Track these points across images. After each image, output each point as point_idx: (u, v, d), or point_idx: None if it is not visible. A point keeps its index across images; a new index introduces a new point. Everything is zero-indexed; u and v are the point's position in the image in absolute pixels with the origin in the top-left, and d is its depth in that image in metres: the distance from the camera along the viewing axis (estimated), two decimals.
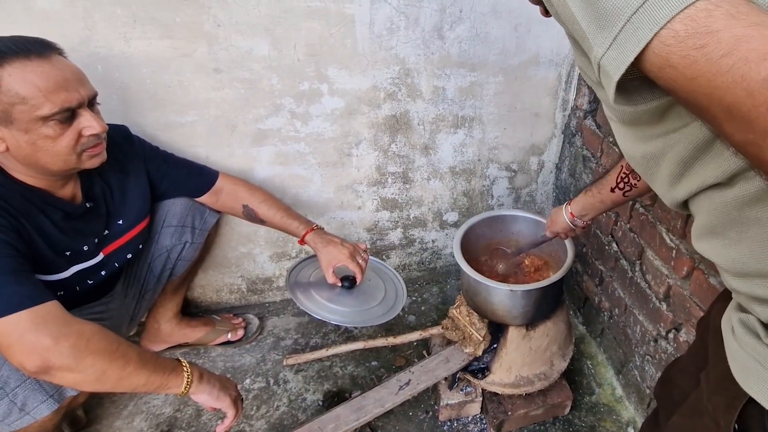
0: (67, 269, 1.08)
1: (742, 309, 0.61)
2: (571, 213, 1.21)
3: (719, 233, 0.56)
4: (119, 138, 1.20)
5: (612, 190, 1.07)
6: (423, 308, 1.88)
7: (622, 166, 1.04)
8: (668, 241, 1.26)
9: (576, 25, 0.45)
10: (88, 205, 1.11)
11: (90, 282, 1.15)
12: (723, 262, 0.57)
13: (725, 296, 0.75)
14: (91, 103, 1.01)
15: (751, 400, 0.56)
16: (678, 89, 0.39)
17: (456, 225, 1.88)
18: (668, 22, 0.36)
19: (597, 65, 0.43)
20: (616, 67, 0.41)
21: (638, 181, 1.03)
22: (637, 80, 0.42)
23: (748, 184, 0.49)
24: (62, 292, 1.08)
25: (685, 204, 0.61)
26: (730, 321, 0.63)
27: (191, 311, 1.78)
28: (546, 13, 0.73)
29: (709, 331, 0.75)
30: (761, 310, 0.55)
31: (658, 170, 0.58)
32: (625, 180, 1.03)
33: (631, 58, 0.39)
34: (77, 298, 1.14)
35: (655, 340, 1.38)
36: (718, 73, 0.35)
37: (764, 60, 0.33)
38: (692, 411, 0.74)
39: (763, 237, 0.50)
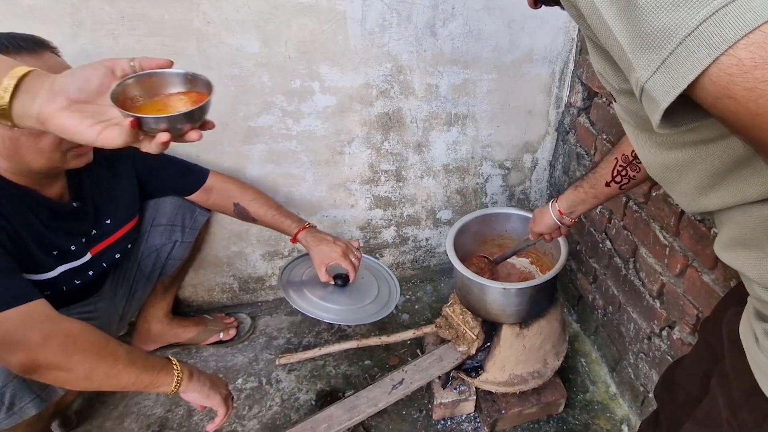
0: (54, 269, 1.07)
1: (763, 318, 0.58)
2: (559, 210, 1.16)
3: (754, 246, 0.53)
4: None
5: (607, 185, 1.02)
6: (417, 307, 1.88)
7: (617, 159, 0.99)
8: (662, 238, 1.26)
9: (612, 40, 0.40)
10: (75, 204, 1.10)
11: (77, 282, 1.14)
12: (756, 275, 0.55)
13: (735, 300, 0.72)
14: None
15: None
16: (736, 122, 0.36)
17: (450, 223, 1.87)
18: (730, 47, 0.33)
19: (640, 88, 0.39)
20: (664, 92, 0.37)
21: (637, 173, 0.98)
22: (681, 100, 0.38)
23: None
24: (49, 292, 1.06)
25: (710, 211, 0.58)
26: (752, 330, 0.60)
27: (183, 311, 1.77)
28: (535, 4, 0.69)
29: (722, 339, 0.72)
30: None
31: (681, 180, 0.55)
32: (623, 173, 0.98)
33: (684, 85, 0.35)
34: (64, 298, 1.13)
35: (649, 338, 1.37)
36: None
37: None
38: (707, 420, 0.72)
39: None
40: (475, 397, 1.45)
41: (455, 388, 1.45)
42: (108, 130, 0.58)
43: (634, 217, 1.37)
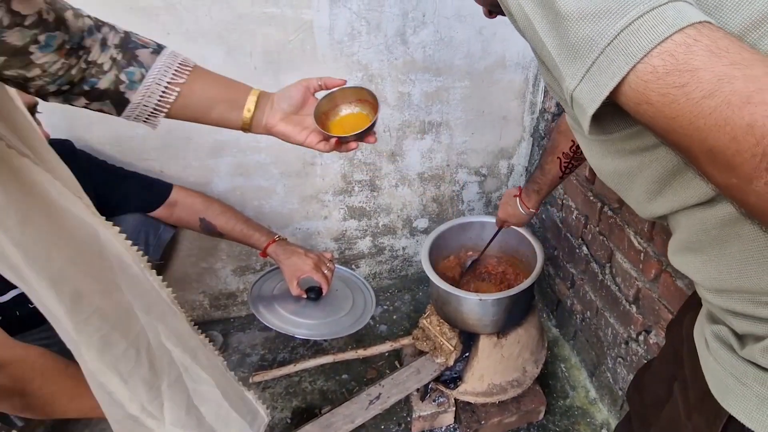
0: (5, 293, 1.02)
1: (713, 320, 0.59)
2: (531, 210, 1.27)
3: (698, 250, 0.54)
4: (62, 153, 1.14)
5: (561, 178, 1.14)
6: (395, 317, 1.85)
7: (559, 158, 1.09)
8: (636, 244, 1.26)
9: (545, 51, 0.43)
10: None
11: (31, 306, 1.09)
12: (701, 278, 0.56)
13: (696, 303, 0.73)
14: (31, 111, 0.95)
15: (732, 418, 0.54)
16: (656, 126, 0.37)
17: (426, 231, 1.86)
18: (645, 56, 0.35)
19: (569, 96, 0.42)
20: (590, 100, 0.39)
21: (579, 162, 1.08)
22: (610, 107, 0.40)
23: (730, 205, 0.47)
24: (0, 318, 1.01)
25: (662, 216, 0.59)
26: (703, 334, 0.61)
27: None
28: (490, 14, 0.71)
29: (683, 342, 0.73)
30: (737, 322, 0.54)
31: (632, 186, 0.57)
32: (570, 166, 1.09)
33: (606, 93, 0.38)
34: (17, 324, 1.07)
35: (626, 343, 1.37)
36: (699, 115, 0.33)
37: (747, 104, 0.31)
38: (669, 425, 0.72)
39: (744, 253, 0.49)
40: (454, 409, 1.43)
41: (434, 400, 1.43)
42: (311, 136, 0.78)
43: (609, 223, 1.37)
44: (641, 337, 1.31)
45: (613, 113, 0.42)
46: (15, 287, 1.04)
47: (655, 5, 0.35)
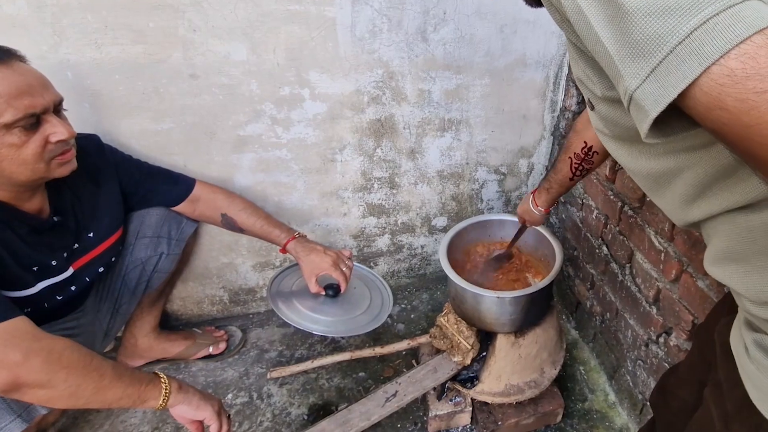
0: (34, 285, 1.04)
1: (753, 328, 0.57)
2: (539, 208, 1.28)
3: (741, 259, 0.52)
4: (90, 147, 1.16)
5: (571, 179, 1.13)
6: (412, 316, 1.85)
7: (570, 158, 1.07)
8: (657, 244, 1.24)
9: (600, 46, 0.40)
10: (55, 218, 1.07)
11: (59, 298, 1.11)
12: (744, 289, 0.53)
13: (726, 308, 0.71)
14: (57, 109, 0.97)
15: None
16: (728, 133, 0.35)
17: (445, 230, 1.85)
18: (721, 57, 0.32)
19: (628, 97, 0.39)
20: (654, 102, 0.36)
21: (591, 165, 1.06)
22: (669, 110, 0.37)
23: None
24: (29, 309, 1.03)
25: (695, 223, 0.56)
26: (742, 340, 0.59)
27: (171, 324, 1.74)
28: None
29: (715, 348, 0.71)
30: None
31: (668, 189, 0.54)
32: (580, 168, 1.08)
33: (674, 94, 0.35)
34: (45, 315, 1.09)
35: (646, 345, 1.35)
36: None
37: None
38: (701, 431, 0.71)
39: None
40: (471, 409, 1.42)
41: (450, 400, 1.42)
42: None
43: (629, 223, 1.35)
44: (661, 339, 1.29)
45: (673, 116, 0.38)
46: (43, 279, 1.06)
47: (730, 3, 0.33)
